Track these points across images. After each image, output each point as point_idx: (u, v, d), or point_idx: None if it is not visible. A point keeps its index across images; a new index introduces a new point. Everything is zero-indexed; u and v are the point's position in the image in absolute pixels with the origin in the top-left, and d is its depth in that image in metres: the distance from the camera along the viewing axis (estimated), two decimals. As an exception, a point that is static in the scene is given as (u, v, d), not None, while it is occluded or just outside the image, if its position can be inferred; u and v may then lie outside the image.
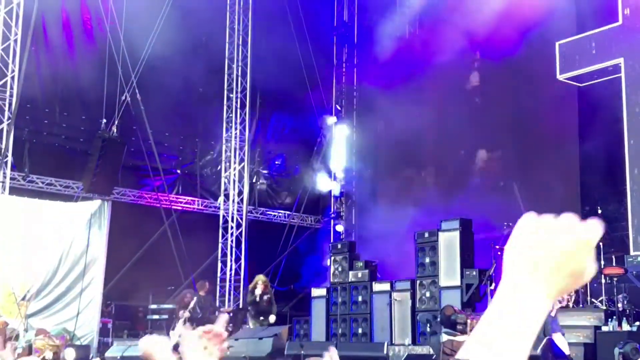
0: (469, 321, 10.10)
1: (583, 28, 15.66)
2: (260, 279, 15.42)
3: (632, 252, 13.17)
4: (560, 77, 15.54)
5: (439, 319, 10.92)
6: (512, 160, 18.63)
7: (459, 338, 10.10)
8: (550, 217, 1.24)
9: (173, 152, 20.90)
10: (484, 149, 19.25)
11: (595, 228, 1.23)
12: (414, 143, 21.07)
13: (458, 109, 19.78)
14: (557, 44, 15.69)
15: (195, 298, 15.24)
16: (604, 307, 12.37)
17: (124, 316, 18.73)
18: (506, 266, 1.24)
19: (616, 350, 10.19)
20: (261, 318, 15.13)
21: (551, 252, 1.20)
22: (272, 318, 15.24)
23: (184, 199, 20.48)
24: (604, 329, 11.65)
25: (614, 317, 11.79)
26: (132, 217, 18.50)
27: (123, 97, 17.85)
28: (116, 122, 17.72)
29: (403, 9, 20.73)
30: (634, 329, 11.47)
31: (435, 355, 11.05)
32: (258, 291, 15.17)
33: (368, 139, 22.63)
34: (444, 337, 10.29)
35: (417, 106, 21.09)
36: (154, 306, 17.68)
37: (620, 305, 11.94)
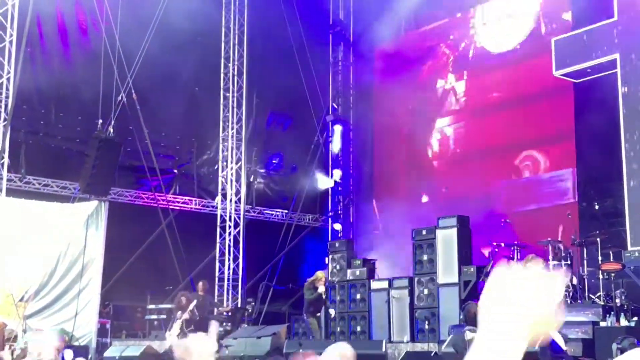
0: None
1: (579, 24, 15.66)
2: (322, 274, 15.01)
3: (629, 248, 13.18)
4: (556, 73, 15.54)
5: (462, 317, 10.91)
6: (509, 158, 18.64)
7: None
8: (519, 268, 1.36)
9: (170, 152, 20.88)
10: (482, 145, 19.25)
11: (559, 278, 1.36)
12: (411, 140, 21.09)
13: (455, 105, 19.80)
14: (552, 40, 15.70)
15: (195, 301, 15.21)
16: (602, 303, 12.38)
17: (122, 317, 18.73)
18: (482, 315, 1.36)
19: (614, 346, 10.19)
20: (318, 314, 15.05)
21: (520, 301, 1.32)
22: (331, 311, 15.43)
23: (182, 199, 20.46)
24: (602, 324, 11.66)
25: (612, 312, 11.80)
26: (129, 218, 18.48)
27: (119, 98, 17.84)
28: (112, 123, 17.70)
29: (399, 7, 20.70)
30: (632, 324, 11.48)
31: (459, 354, 11.02)
32: (321, 288, 14.70)
33: (365, 136, 22.63)
34: (469, 335, 10.24)
35: (414, 103, 21.11)
36: (152, 306, 17.68)
37: (618, 300, 11.96)
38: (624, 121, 14.33)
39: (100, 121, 17.52)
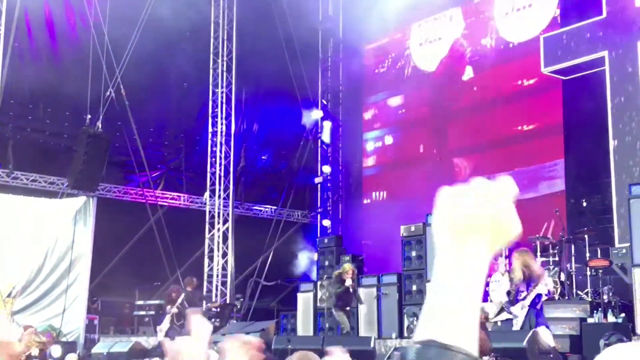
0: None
1: (567, 21, 15.70)
2: (349, 267, 14.39)
3: (617, 245, 13.23)
4: (545, 70, 15.58)
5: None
6: (497, 154, 18.68)
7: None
8: (464, 185, 1.27)
9: (158, 148, 20.84)
10: (470, 143, 19.28)
11: (506, 182, 1.28)
12: (400, 137, 21.11)
13: (445, 103, 19.81)
14: (541, 37, 15.74)
15: (183, 294, 15.21)
16: (590, 299, 12.42)
17: (111, 312, 18.71)
18: (434, 237, 1.28)
19: (602, 342, 10.23)
20: (347, 308, 14.54)
21: (468, 213, 1.24)
22: (362, 308, 14.96)
23: (170, 195, 20.42)
24: (590, 320, 11.70)
25: (600, 309, 11.85)
26: (117, 213, 18.45)
27: (107, 93, 17.78)
28: (101, 118, 17.65)
29: (389, 3, 20.69)
30: (620, 320, 11.53)
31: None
32: (349, 282, 14.13)
33: (354, 133, 22.63)
34: None
35: (404, 100, 21.13)
36: (140, 302, 17.66)
37: (605, 297, 12.00)
38: (612, 118, 14.39)
39: (89, 117, 17.47)
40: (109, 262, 18.49)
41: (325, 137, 22.69)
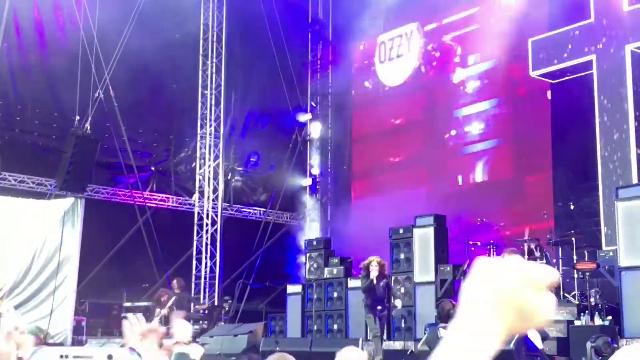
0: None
1: (555, 25, 15.78)
2: (374, 259, 12.86)
3: (604, 247, 13.31)
4: (533, 73, 15.66)
5: (436, 314, 10.93)
6: (488, 158, 18.74)
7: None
8: (502, 259, 1.26)
9: (147, 149, 20.79)
10: (460, 146, 19.34)
11: (546, 270, 1.24)
12: (388, 139, 21.14)
13: (434, 106, 19.86)
14: (529, 40, 15.81)
15: (173, 297, 15.18)
16: (577, 302, 12.49)
17: (98, 314, 18.64)
18: (461, 304, 1.26)
19: (588, 345, 10.29)
20: (379, 307, 12.77)
21: (499, 291, 1.22)
22: (398, 302, 13.47)
23: (158, 196, 20.39)
24: (577, 323, 11.76)
25: (587, 311, 11.91)
26: (105, 215, 18.41)
27: (96, 94, 17.73)
28: (89, 119, 17.60)
29: (378, 6, 20.76)
30: (606, 323, 11.59)
31: (432, 351, 11.07)
32: (374, 274, 12.61)
33: (343, 135, 22.66)
34: (443, 332, 10.30)
35: (392, 103, 21.17)
36: (128, 304, 17.60)
37: (592, 299, 12.06)
38: (599, 121, 14.47)
39: (77, 118, 17.42)
40: (97, 264, 18.43)
41: (314, 139, 22.70)
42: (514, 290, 1.21)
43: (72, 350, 2.82)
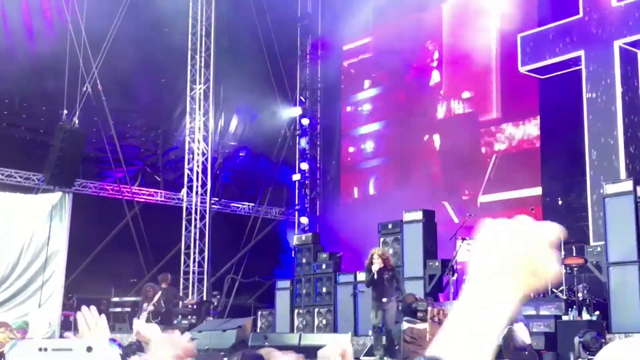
0: (429, 309, 10.16)
1: (544, 20, 15.80)
2: (375, 252, 12.48)
3: (592, 243, 13.35)
4: (522, 69, 15.68)
5: (400, 308, 10.94)
6: (474, 154, 18.77)
7: (419, 325, 10.15)
8: (508, 221, 1.27)
9: (135, 144, 20.73)
10: (445, 141, 19.36)
11: (552, 228, 1.26)
12: (379, 134, 21.15)
13: (421, 102, 19.87)
14: (519, 36, 15.83)
15: (160, 292, 15.15)
16: (565, 297, 12.52)
17: (86, 309, 18.57)
18: (471, 270, 1.28)
19: (576, 340, 10.33)
20: (383, 300, 12.22)
21: (511, 254, 1.24)
22: (407, 295, 12.17)
23: (147, 191, 20.34)
24: (565, 318, 11.80)
25: (574, 306, 11.95)
26: (93, 209, 18.35)
27: (84, 88, 17.67)
28: (77, 113, 17.53)
29: (367, 1, 20.74)
30: (594, 318, 11.63)
31: (397, 344, 11.11)
32: (375, 267, 12.18)
33: (332, 130, 22.65)
34: (405, 325, 10.35)
35: (380, 98, 21.18)
36: (116, 299, 17.56)
37: (580, 295, 12.10)
38: (587, 117, 14.51)
39: (65, 112, 17.35)
40: (85, 259, 18.38)
41: (303, 134, 22.69)
42: (526, 250, 1.24)
43: (51, 343, 2.80)
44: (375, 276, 12.27)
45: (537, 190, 16.79)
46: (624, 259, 11.67)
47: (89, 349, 2.78)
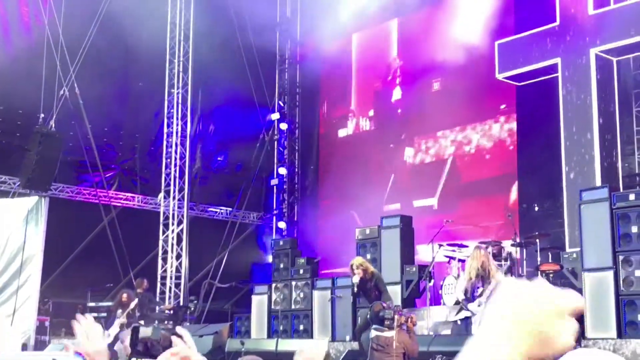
0: (396, 317, 10.17)
1: (521, 28, 15.92)
2: (353, 262, 12.03)
3: (567, 249, 13.44)
4: (499, 76, 15.79)
5: (368, 316, 10.94)
6: (452, 157, 18.86)
7: (386, 333, 10.16)
8: (527, 284, 1.23)
9: (112, 148, 20.64)
10: (425, 146, 19.43)
11: (572, 297, 1.22)
12: (355, 139, 21.20)
13: (399, 106, 19.95)
14: (496, 43, 15.95)
15: (136, 300, 15.05)
16: (541, 303, 12.58)
17: (62, 314, 18.46)
18: (485, 325, 1.24)
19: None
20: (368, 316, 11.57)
21: (521, 319, 1.20)
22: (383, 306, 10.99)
23: (124, 195, 20.24)
24: (540, 324, 11.86)
25: (550, 312, 12.01)
26: (70, 214, 18.24)
27: (61, 92, 17.57)
28: (54, 117, 17.43)
29: (346, 5, 20.78)
30: (569, 324, 11.70)
31: (365, 352, 11.12)
32: (355, 279, 11.88)
33: (310, 135, 22.68)
34: (373, 333, 10.37)
35: (359, 103, 21.23)
36: (92, 304, 17.46)
37: (556, 300, 12.17)
38: (564, 124, 14.63)
39: (42, 115, 17.25)
40: (60, 263, 18.27)
41: (281, 138, 22.70)
42: (534, 316, 1.19)
43: (15, 357, 2.78)
44: (355, 288, 12.12)
45: (515, 196, 16.92)
46: (599, 265, 11.76)
47: None
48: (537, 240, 13.53)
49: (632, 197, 11.77)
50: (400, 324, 10.12)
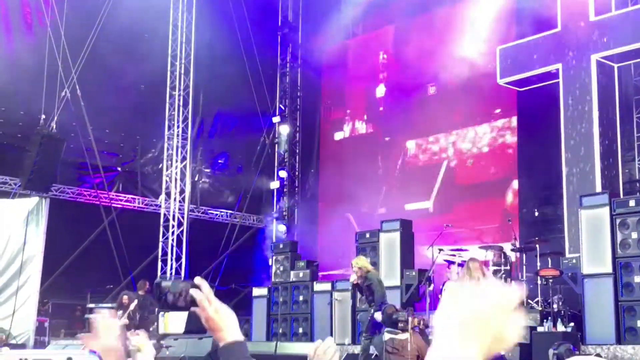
0: (410, 319, 10.20)
1: (523, 34, 15.94)
2: (353, 261, 12.07)
3: (567, 255, 13.45)
4: (500, 81, 15.81)
5: (381, 319, 10.95)
6: (452, 162, 18.87)
7: (401, 336, 10.19)
8: (472, 283, 1.27)
9: (113, 150, 20.65)
10: (420, 150, 19.45)
11: (513, 293, 1.27)
12: (357, 143, 21.21)
13: (400, 110, 19.96)
14: (497, 49, 15.97)
15: (136, 301, 15.05)
16: (540, 308, 12.60)
17: (61, 315, 18.48)
18: (436, 331, 1.28)
19: (551, 351, 10.39)
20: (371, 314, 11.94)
21: (472, 316, 1.24)
22: (377, 315, 11.24)
23: (124, 197, 20.25)
24: (540, 329, 11.87)
25: (549, 317, 12.03)
26: (70, 215, 18.24)
27: (63, 93, 17.59)
28: (55, 118, 17.45)
29: (347, 10, 20.82)
30: (569, 329, 11.72)
31: (378, 355, 11.13)
32: (352, 278, 11.94)
33: (311, 138, 22.70)
34: (387, 336, 10.38)
35: (357, 107, 21.25)
36: (92, 305, 17.46)
37: (555, 306, 12.18)
38: (564, 130, 14.63)
39: (43, 116, 17.26)
40: (60, 264, 18.27)
41: (282, 141, 22.71)
42: (487, 316, 1.23)
43: (31, 353, 2.81)
44: (352, 287, 12.31)
45: (515, 202, 16.92)
46: (599, 271, 11.77)
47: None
48: (537, 246, 13.54)
49: (632, 203, 11.79)
50: (414, 326, 10.15)
